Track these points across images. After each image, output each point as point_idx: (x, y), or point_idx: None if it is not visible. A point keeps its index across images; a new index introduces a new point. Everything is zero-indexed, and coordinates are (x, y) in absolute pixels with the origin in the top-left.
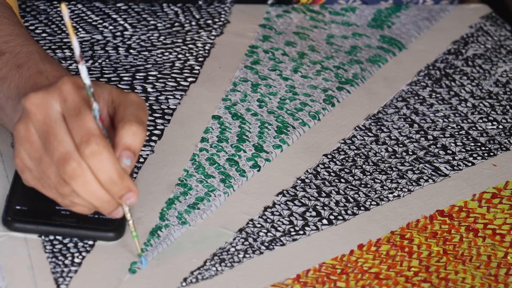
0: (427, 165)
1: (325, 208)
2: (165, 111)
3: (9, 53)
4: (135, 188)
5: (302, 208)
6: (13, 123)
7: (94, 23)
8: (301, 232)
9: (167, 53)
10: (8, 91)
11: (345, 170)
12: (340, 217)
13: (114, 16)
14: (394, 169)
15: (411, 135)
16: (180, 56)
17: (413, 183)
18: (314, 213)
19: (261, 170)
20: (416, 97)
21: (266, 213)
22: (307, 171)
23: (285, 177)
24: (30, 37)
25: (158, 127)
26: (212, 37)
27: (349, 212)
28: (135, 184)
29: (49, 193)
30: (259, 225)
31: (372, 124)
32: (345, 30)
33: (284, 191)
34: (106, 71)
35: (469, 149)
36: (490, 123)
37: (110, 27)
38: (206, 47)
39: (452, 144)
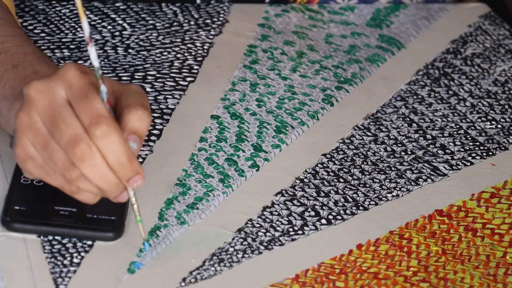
0: (426, 164)
1: (324, 208)
2: (164, 111)
3: (4, 54)
4: (142, 172)
5: (301, 208)
6: (9, 123)
7: (93, 22)
8: (300, 232)
9: (165, 53)
10: (3, 91)
11: (344, 169)
12: (339, 217)
13: (113, 16)
14: (393, 168)
15: (410, 135)
16: (179, 55)
17: (412, 183)
18: (313, 213)
19: (260, 170)
20: (415, 97)
21: (265, 213)
22: (306, 170)
23: (284, 177)
24: (26, 37)
25: (157, 127)
26: (211, 37)
27: (348, 212)
28: (141, 167)
29: (53, 181)
30: (258, 225)
31: (371, 123)
32: (344, 30)
33: (283, 191)
34: (105, 71)
35: (468, 148)
36: (489, 123)
37: (109, 27)
38: (205, 47)
39: (451, 143)
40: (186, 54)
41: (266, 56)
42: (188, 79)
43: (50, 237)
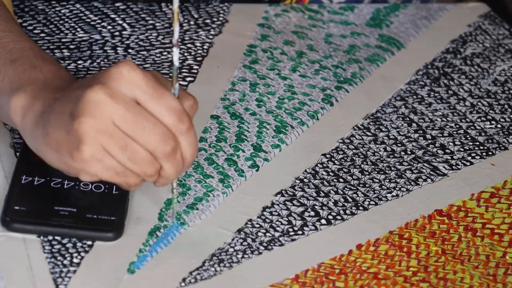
0: (425, 164)
1: (323, 208)
2: None
3: (2, 49)
4: None
5: (300, 208)
6: (6, 117)
7: (92, 23)
8: (300, 232)
9: (165, 53)
10: (2, 86)
11: (344, 169)
12: (338, 217)
13: (113, 16)
14: (392, 168)
15: (410, 135)
16: (178, 55)
17: (412, 183)
18: (312, 213)
19: (259, 170)
20: (415, 96)
21: (264, 213)
22: (305, 170)
23: (284, 177)
24: (24, 33)
25: None
26: (211, 37)
27: (347, 212)
28: None
29: (122, 181)
30: (257, 225)
31: (371, 123)
32: (344, 29)
33: (283, 191)
34: None
35: (468, 148)
36: (488, 122)
37: (109, 27)
38: (205, 47)
39: (450, 143)
40: (185, 54)
41: (266, 56)
42: (188, 79)
43: (50, 237)
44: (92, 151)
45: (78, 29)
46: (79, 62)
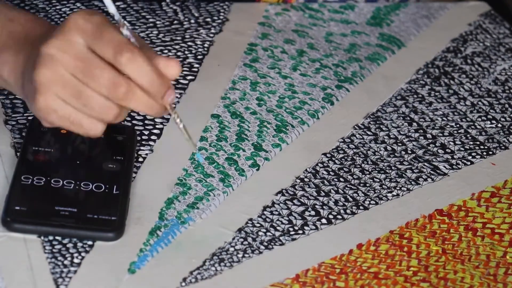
0: (426, 164)
1: (324, 207)
2: None
3: None
4: (171, 85)
5: (301, 207)
6: None
7: None
8: (300, 231)
9: (166, 51)
10: None
11: (344, 169)
12: (339, 217)
13: None
14: (393, 168)
15: (410, 134)
16: (179, 54)
17: (412, 182)
18: (313, 213)
19: (260, 169)
20: (415, 96)
21: (265, 212)
22: (306, 170)
23: (284, 176)
24: None
25: (157, 126)
26: (211, 35)
27: (348, 211)
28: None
29: (78, 129)
30: (258, 225)
31: (371, 122)
32: (344, 28)
33: (283, 190)
34: None
35: (468, 148)
36: (489, 122)
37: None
38: (205, 45)
39: (451, 142)
40: (186, 52)
41: (267, 55)
42: (189, 77)
43: (51, 237)
44: (46, 100)
45: None
46: None
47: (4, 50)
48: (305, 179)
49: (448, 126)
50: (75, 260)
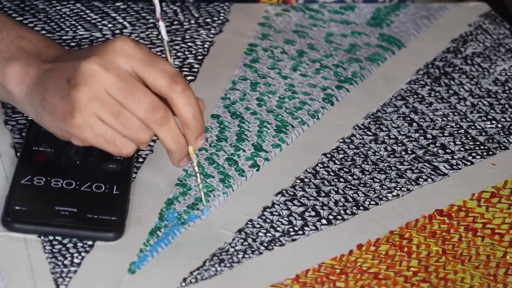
0: (426, 164)
1: (324, 208)
2: None
3: None
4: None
5: (301, 208)
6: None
7: (93, 21)
8: (300, 232)
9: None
10: None
11: (344, 169)
12: (339, 217)
13: (113, 14)
14: (393, 168)
15: (410, 134)
16: (179, 54)
17: (412, 183)
18: (313, 213)
19: (260, 170)
20: (415, 96)
21: (265, 213)
22: (306, 170)
23: (284, 176)
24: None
25: None
26: (211, 36)
27: (348, 211)
28: None
29: (112, 148)
30: (258, 225)
31: (371, 123)
32: (344, 29)
33: (283, 191)
34: None
35: (468, 148)
36: (489, 122)
37: (109, 25)
38: (205, 46)
39: (451, 143)
40: (186, 52)
41: (267, 55)
42: (189, 78)
43: (51, 237)
44: (84, 117)
45: (79, 27)
46: None
47: (12, 62)
48: (305, 180)
49: (448, 126)
50: (75, 260)
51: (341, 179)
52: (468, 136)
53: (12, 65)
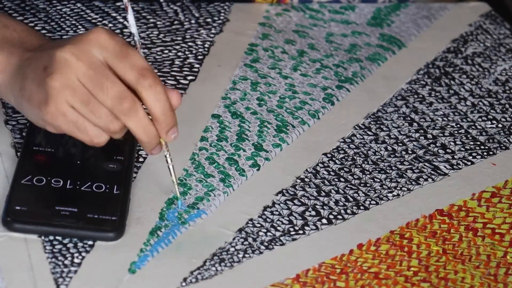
0: (426, 164)
1: (324, 207)
2: None
3: None
4: (176, 124)
5: (301, 207)
6: None
7: (93, 21)
8: (301, 231)
9: (166, 51)
10: None
11: (345, 169)
12: (339, 217)
13: (114, 14)
14: (393, 168)
15: (411, 134)
16: (179, 54)
17: (413, 182)
18: (313, 213)
19: (260, 169)
20: (416, 96)
21: (265, 212)
22: (306, 170)
23: (285, 176)
24: None
25: None
26: (212, 35)
27: (348, 211)
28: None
29: (84, 136)
30: (258, 225)
31: (372, 123)
32: (345, 28)
33: (284, 191)
34: None
35: (469, 148)
36: (489, 122)
37: (110, 25)
38: (206, 45)
39: (451, 143)
40: (187, 52)
41: (267, 55)
42: (189, 77)
43: (51, 237)
44: (57, 104)
45: (79, 27)
46: None
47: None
48: (306, 179)
49: (449, 126)
50: (76, 260)
51: (342, 179)
52: (469, 136)
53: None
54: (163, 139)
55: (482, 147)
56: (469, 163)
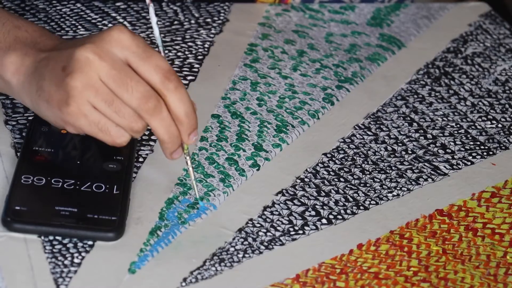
0: (426, 164)
1: (324, 207)
2: None
3: None
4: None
5: (301, 207)
6: None
7: (93, 21)
8: (301, 231)
9: (166, 51)
10: None
11: (345, 169)
12: (339, 217)
13: (114, 14)
14: (393, 168)
15: (411, 134)
16: (179, 54)
17: (412, 182)
18: (313, 213)
19: (260, 169)
20: (415, 96)
21: (265, 212)
22: (306, 170)
23: (285, 176)
24: None
25: None
26: (212, 35)
27: (348, 211)
28: None
29: (106, 136)
30: (258, 225)
31: (372, 123)
32: (344, 29)
33: (284, 191)
34: None
35: (469, 148)
36: (489, 122)
37: (110, 25)
38: (206, 45)
39: (451, 143)
40: (186, 52)
41: (267, 55)
42: (189, 77)
43: (51, 237)
44: (78, 105)
45: (79, 27)
46: None
47: (9, 52)
48: (306, 179)
49: (449, 126)
50: (76, 260)
51: (341, 179)
52: (468, 136)
53: (9, 55)
54: (184, 142)
55: (482, 147)
56: (469, 163)
